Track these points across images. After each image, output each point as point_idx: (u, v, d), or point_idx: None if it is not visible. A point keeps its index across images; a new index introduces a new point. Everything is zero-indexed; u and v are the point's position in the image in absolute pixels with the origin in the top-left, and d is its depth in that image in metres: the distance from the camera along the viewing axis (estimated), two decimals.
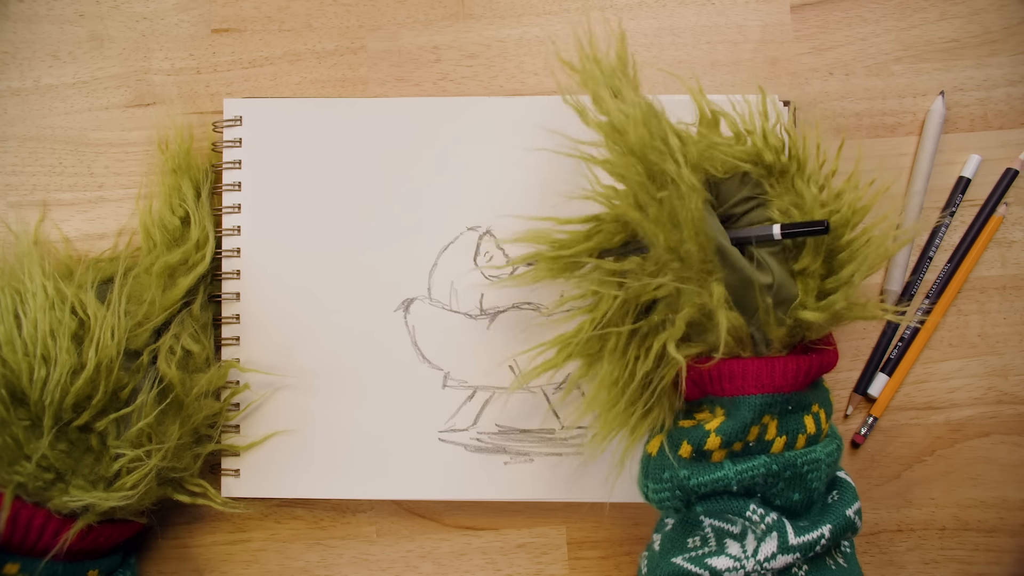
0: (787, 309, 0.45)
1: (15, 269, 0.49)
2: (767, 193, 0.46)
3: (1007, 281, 0.55)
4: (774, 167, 0.46)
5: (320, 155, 0.55)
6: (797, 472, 0.44)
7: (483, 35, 0.57)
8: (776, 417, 0.45)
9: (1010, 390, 0.55)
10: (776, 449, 0.45)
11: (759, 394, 0.45)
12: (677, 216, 0.43)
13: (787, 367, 0.45)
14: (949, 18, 0.57)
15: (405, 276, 0.54)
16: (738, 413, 0.45)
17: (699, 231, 0.43)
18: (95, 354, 0.46)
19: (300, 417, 0.54)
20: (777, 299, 0.45)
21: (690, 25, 0.57)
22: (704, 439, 0.45)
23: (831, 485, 0.47)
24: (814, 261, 0.45)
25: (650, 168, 0.44)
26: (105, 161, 0.57)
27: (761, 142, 0.47)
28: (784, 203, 0.46)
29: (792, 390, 0.45)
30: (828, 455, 0.45)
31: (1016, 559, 0.54)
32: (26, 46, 0.58)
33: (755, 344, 0.46)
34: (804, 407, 0.46)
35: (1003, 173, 0.55)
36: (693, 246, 0.44)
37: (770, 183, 0.47)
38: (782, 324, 0.45)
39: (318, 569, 0.55)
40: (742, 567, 0.43)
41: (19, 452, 0.45)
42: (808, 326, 0.45)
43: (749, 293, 0.45)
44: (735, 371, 0.45)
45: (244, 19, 0.58)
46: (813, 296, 0.45)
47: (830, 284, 0.45)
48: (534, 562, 0.54)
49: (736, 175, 0.47)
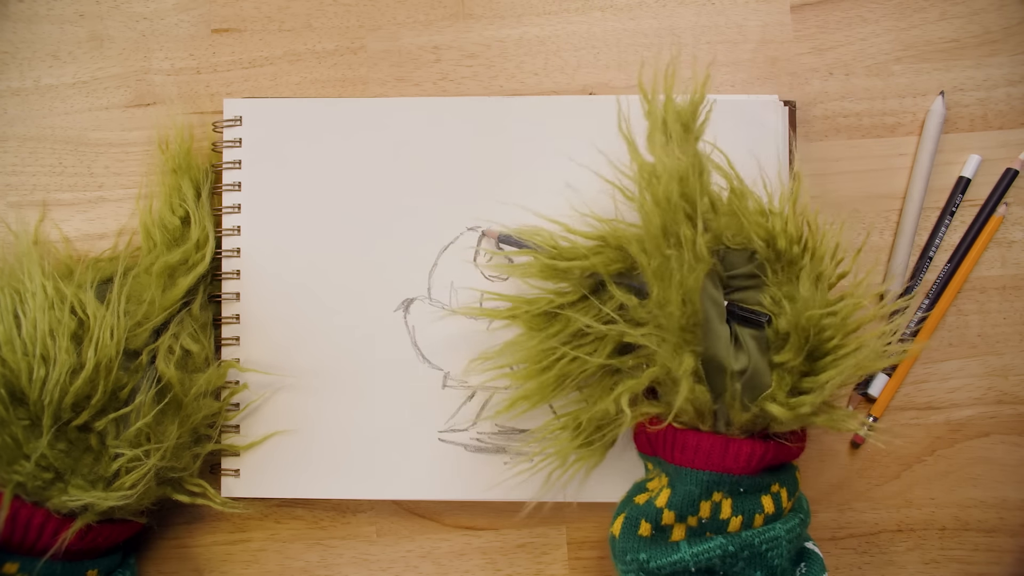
0: (756, 396, 0.45)
1: (15, 269, 0.49)
2: (767, 277, 0.46)
3: (1007, 281, 0.55)
4: (784, 254, 0.46)
5: (320, 155, 0.55)
6: (756, 551, 0.44)
7: (483, 35, 0.57)
8: (728, 496, 0.45)
9: (1010, 390, 0.55)
10: (733, 528, 0.45)
11: (706, 470, 0.45)
12: (674, 277, 0.44)
13: (740, 450, 0.45)
14: (949, 18, 0.57)
15: (405, 276, 0.54)
16: (682, 485, 0.45)
17: (689, 301, 0.44)
18: (94, 354, 0.46)
19: (300, 417, 0.54)
20: (748, 385, 0.45)
21: (690, 25, 0.57)
22: (659, 516, 0.45)
23: (799, 556, 0.47)
24: (795, 357, 0.44)
25: (668, 225, 0.45)
26: (105, 161, 0.57)
27: (780, 226, 0.46)
28: (779, 293, 0.45)
29: (743, 473, 0.45)
30: (789, 531, 0.45)
31: (1016, 559, 0.54)
32: (26, 46, 0.58)
33: (716, 420, 0.46)
34: (761, 488, 0.46)
35: (1003, 173, 0.55)
36: (678, 312, 0.44)
37: (773, 268, 0.46)
38: (747, 410, 0.45)
39: (318, 569, 0.55)
40: None
41: (18, 451, 0.45)
42: (773, 418, 0.45)
43: (721, 373, 0.45)
44: (688, 442, 0.46)
45: (244, 19, 0.58)
46: (786, 391, 0.45)
47: (806, 384, 0.45)
48: (534, 562, 0.54)
49: (746, 250, 0.47)
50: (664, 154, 0.45)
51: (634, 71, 0.57)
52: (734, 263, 0.47)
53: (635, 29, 0.57)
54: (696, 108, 0.47)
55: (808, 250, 0.46)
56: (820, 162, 0.56)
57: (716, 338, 0.45)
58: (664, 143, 0.46)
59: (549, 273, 0.48)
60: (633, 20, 0.57)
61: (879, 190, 0.56)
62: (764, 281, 0.46)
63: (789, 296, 0.45)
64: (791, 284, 0.45)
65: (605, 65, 0.57)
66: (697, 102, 0.47)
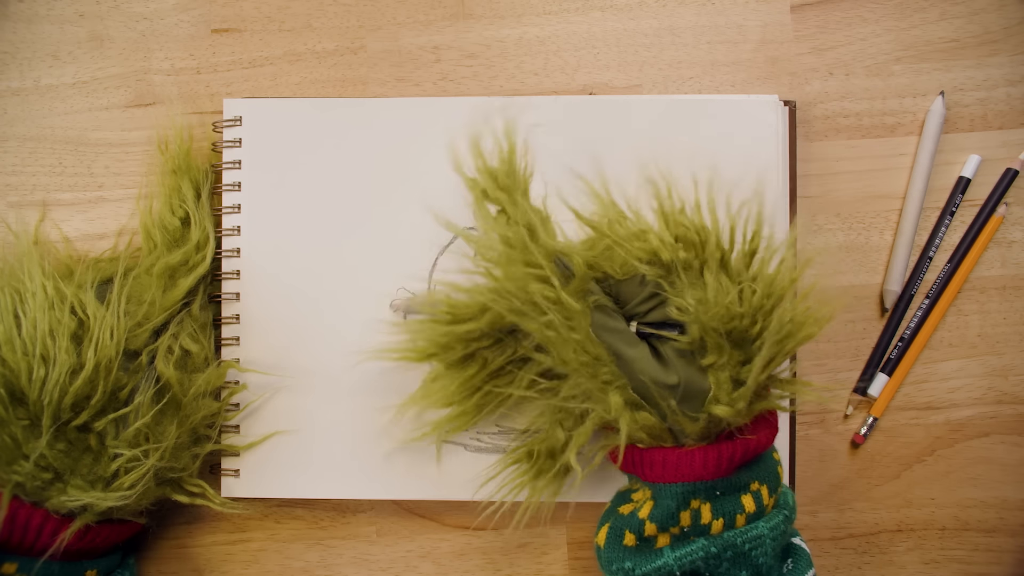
0: (702, 402, 0.44)
1: (15, 269, 0.49)
2: (666, 291, 0.45)
3: (1007, 281, 0.55)
4: (673, 265, 0.45)
5: (320, 155, 0.55)
6: (739, 551, 0.44)
7: (483, 35, 0.57)
8: (706, 501, 0.45)
9: (1010, 390, 0.55)
10: (715, 531, 0.44)
11: (679, 483, 0.45)
12: (563, 336, 0.45)
13: (707, 457, 0.44)
14: (949, 18, 0.57)
15: (405, 276, 0.54)
16: (661, 500, 0.45)
17: (583, 351, 0.45)
18: (94, 354, 0.46)
19: (300, 417, 0.54)
20: (687, 395, 0.44)
21: (690, 25, 0.57)
22: (642, 527, 0.45)
23: (785, 552, 0.47)
24: (720, 355, 0.44)
25: (529, 298, 0.45)
26: (105, 161, 0.57)
27: (657, 241, 0.45)
28: (685, 300, 0.44)
29: (715, 478, 0.44)
30: (772, 528, 0.45)
31: (1016, 559, 0.54)
32: (26, 46, 0.58)
33: (675, 436, 0.45)
34: (739, 488, 0.45)
35: (1003, 173, 0.55)
36: (578, 364, 0.45)
37: (670, 281, 0.45)
38: (695, 420, 0.44)
39: (318, 569, 0.55)
40: None
41: (17, 451, 0.45)
42: (720, 420, 0.44)
43: (654, 393, 0.45)
44: (655, 460, 0.45)
45: (244, 19, 0.58)
46: (727, 388, 0.44)
47: (744, 374, 0.44)
48: (534, 562, 0.54)
49: (635, 276, 0.46)
50: (492, 229, 0.46)
51: (634, 71, 0.57)
52: (630, 293, 0.46)
53: (635, 29, 0.57)
54: (512, 165, 0.47)
55: (696, 248, 0.45)
56: (820, 162, 0.56)
57: (634, 363, 0.45)
58: (487, 217, 0.46)
59: (449, 340, 0.48)
60: (633, 20, 0.57)
61: (879, 190, 0.56)
62: (664, 296, 0.45)
63: (698, 298, 0.44)
64: (697, 286, 0.45)
65: (605, 65, 0.57)
66: (510, 157, 0.47)
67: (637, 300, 0.46)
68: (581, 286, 0.45)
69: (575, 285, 0.45)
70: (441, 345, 0.48)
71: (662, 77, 0.57)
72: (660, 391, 0.44)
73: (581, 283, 0.45)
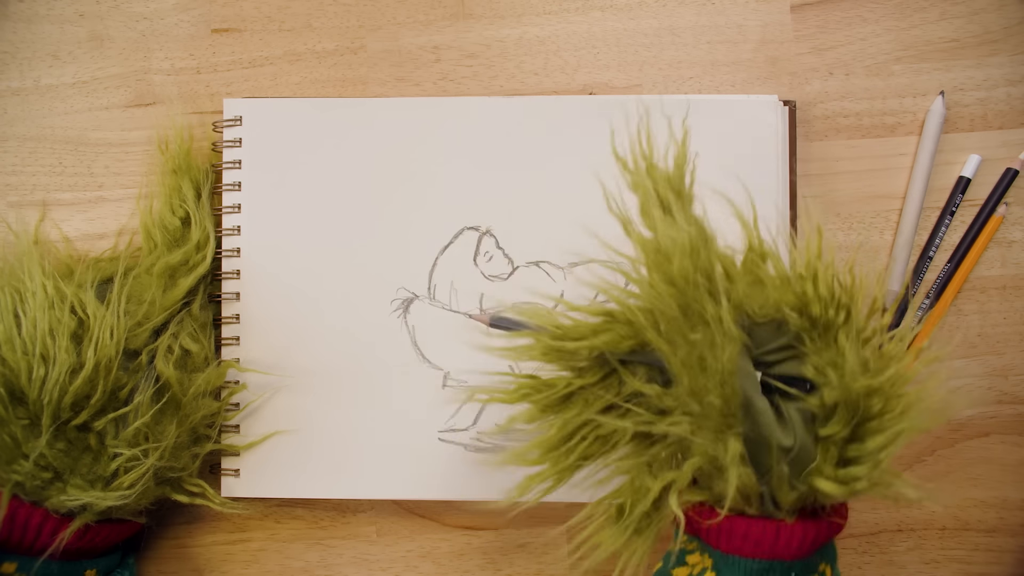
0: (801, 472, 0.40)
1: (15, 268, 0.49)
2: (805, 346, 0.41)
3: (1007, 281, 0.55)
4: (819, 320, 0.41)
5: (320, 155, 0.55)
6: None
7: (483, 35, 0.57)
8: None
9: (1010, 390, 0.54)
10: None
11: (756, 559, 0.41)
12: (706, 363, 0.39)
13: (793, 535, 0.40)
14: (949, 18, 0.57)
15: (405, 276, 0.54)
16: (731, 572, 0.41)
17: (727, 383, 0.39)
18: (94, 353, 0.46)
19: (300, 417, 0.54)
20: (796, 461, 0.40)
21: (690, 25, 0.57)
22: None
23: None
24: (843, 429, 0.40)
25: (687, 305, 0.40)
26: (105, 161, 0.57)
27: (812, 290, 0.41)
28: (822, 360, 0.40)
29: (794, 559, 0.41)
30: None
31: (1016, 559, 0.54)
32: (26, 46, 0.58)
33: (763, 503, 0.41)
34: (811, 570, 0.41)
35: (1003, 173, 0.55)
36: (717, 399, 0.40)
37: (811, 336, 0.41)
38: (794, 488, 0.40)
39: (318, 569, 0.55)
40: None
41: (17, 451, 0.45)
42: (824, 495, 0.40)
43: (766, 451, 0.40)
44: (736, 529, 0.41)
45: (244, 19, 0.58)
46: (832, 463, 0.40)
47: (851, 451, 0.40)
48: (534, 562, 0.54)
49: (773, 321, 0.41)
50: (667, 227, 0.41)
51: (634, 71, 0.57)
52: (763, 338, 0.42)
53: (635, 29, 0.57)
54: (682, 170, 0.42)
55: (843, 309, 0.41)
56: (820, 162, 0.56)
57: (757, 415, 0.40)
58: (662, 216, 0.41)
59: (553, 356, 0.43)
60: (633, 20, 0.57)
61: (879, 190, 0.56)
62: (802, 351, 0.41)
63: (832, 363, 0.40)
64: (830, 349, 0.40)
65: (605, 65, 0.57)
66: (681, 162, 0.42)
67: (769, 347, 0.42)
68: (736, 316, 0.40)
69: (731, 312, 0.40)
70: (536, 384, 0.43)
71: (662, 77, 0.57)
72: (778, 456, 0.40)
73: (737, 312, 0.40)
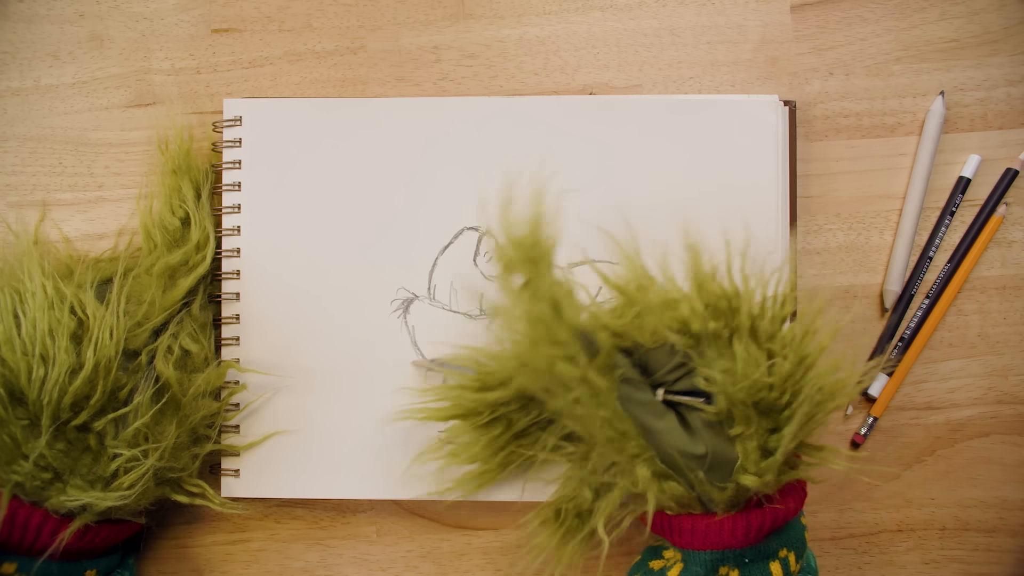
0: (730, 471, 0.44)
1: (15, 269, 0.49)
2: (694, 361, 0.45)
3: (1007, 281, 0.55)
4: (702, 335, 0.44)
5: (320, 155, 0.55)
6: None
7: (483, 35, 0.57)
8: (735, 568, 0.44)
9: (1010, 390, 0.54)
10: None
11: (708, 550, 0.44)
12: (586, 416, 0.44)
13: (736, 526, 0.44)
14: (949, 18, 0.57)
15: (405, 276, 0.54)
16: (691, 566, 0.45)
17: (613, 426, 0.44)
18: (93, 354, 0.46)
19: (300, 417, 0.54)
20: (715, 465, 0.44)
21: (690, 25, 0.57)
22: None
23: None
24: (748, 426, 0.44)
25: (556, 377, 0.44)
26: (105, 161, 0.57)
27: (688, 310, 0.44)
28: (713, 370, 0.44)
29: (743, 546, 0.44)
30: None
31: (1016, 559, 0.54)
32: (26, 46, 0.58)
33: (703, 504, 0.45)
34: (767, 555, 0.45)
35: (1003, 173, 0.55)
36: (605, 441, 0.45)
37: (699, 351, 0.44)
38: (724, 489, 0.44)
39: (318, 569, 0.55)
40: None
41: (17, 451, 0.45)
42: (748, 489, 0.44)
43: (680, 463, 0.44)
44: (684, 527, 0.45)
45: (244, 19, 0.58)
46: (755, 458, 0.44)
47: (772, 442, 0.44)
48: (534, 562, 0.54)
49: (665, 344, 0.45)
50: (517, 304, 0.44)
51: (634, 71, 0.57)
52: (659, 361, 0.45)
53: (635, 29, 0.57)
54: (538, 235, 0.45)
55: (726, 316, 0.44)
56: (820, 162, 0.56)
57: (661, 435, 0.44)
58: (513, 290, 0.45)
59: (479, 402, 0.48)
60: (633, 20, 0.57)
61: (879, 190, 0.56)
62: (691, 366, 0.45)
63: (726, 368, 0.43)
64: (724, 356, 0.44)
65: (605, 65, 0.57)
66: (536, 225, 0.45)
67: (666, 369, 0.45)
68: (607, 361, 0.44)
69: (601, 360, 0.44)
70: (468, 409, 0.48)
71: (662, 77, 0.57)
72: (688, 462, 0.44)
73: (607, 358, 0.44)
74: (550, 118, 0.54)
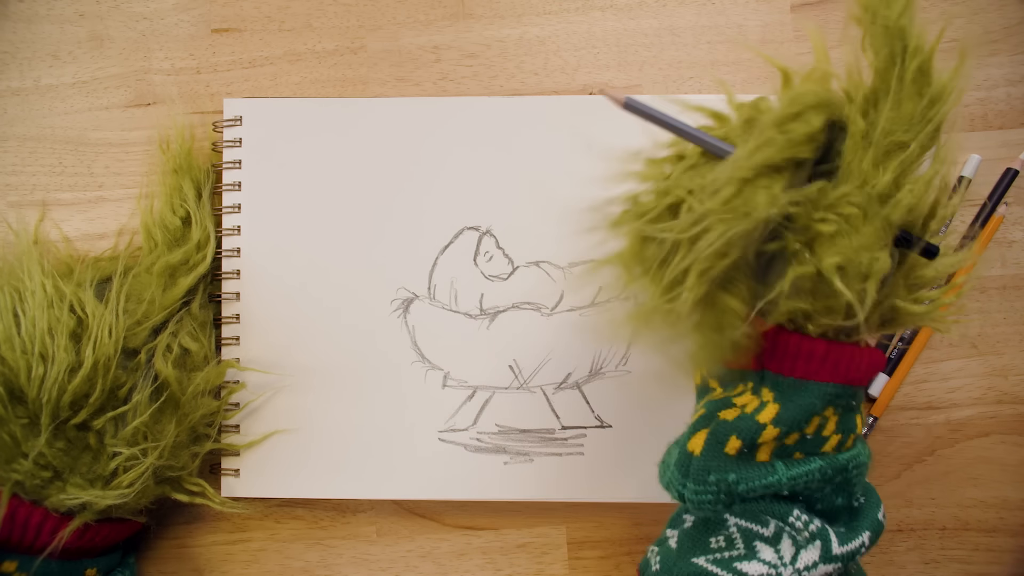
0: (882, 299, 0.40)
1: (14, 268, 0.49)
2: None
3: (1007, 281, 0.55)
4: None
5: (320, 155, 0.55)
6: (847, 477, 0.40)
7: (483, 35, 0.57)
8: (839, 412, 0.40)
9: (1010, 390, 0.54)
10: (828, 448, 0.40)
11: (832, 382, 0.39)
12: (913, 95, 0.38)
13: (872, 359, 0.40)
14: (949, 18, 0.57)
15: (405, 276, 0.54)
16: (801, 399, 0.39)
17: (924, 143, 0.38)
18: (92, 352, 0.46)
19: (300, 417, 0.54)
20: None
21: (690, 25, 0.57)
22: (758, 432, 0.39)
23: None
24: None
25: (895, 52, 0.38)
26: (105, 161, 0.57)
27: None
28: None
29: (861, 384, 0.40)
30: (868, 457, 0.41)
31: (1016, 559, 0.54)
32: (26, 46, 0.58)
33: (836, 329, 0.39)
34: (860, 405, 0.41)
35: (1003, 173, 0.55)
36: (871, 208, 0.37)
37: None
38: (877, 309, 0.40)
39: (318, 569, 0.55)
40: (778, 574, 0.39)
41: (17, 450, 0.45)
42: (906, 315, 0.40)
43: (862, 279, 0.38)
44: (816, 351, 0.39)
45: (244, 19, 0.58)
46: (905, 285, 0.40)
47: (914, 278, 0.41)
48: (534, 562, 0.54)
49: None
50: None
51: (634, 71, 0.57)
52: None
53: (635, 29, 0.57)
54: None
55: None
56: None
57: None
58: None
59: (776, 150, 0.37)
60: (633, 20, 0.57)
61: None
62: None
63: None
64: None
65: (605, 65, 0.57)
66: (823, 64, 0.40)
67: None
68: None
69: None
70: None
71: (662, 77, 0.57)
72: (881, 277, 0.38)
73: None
74: (550, 118, 0.54)
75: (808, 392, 0.39)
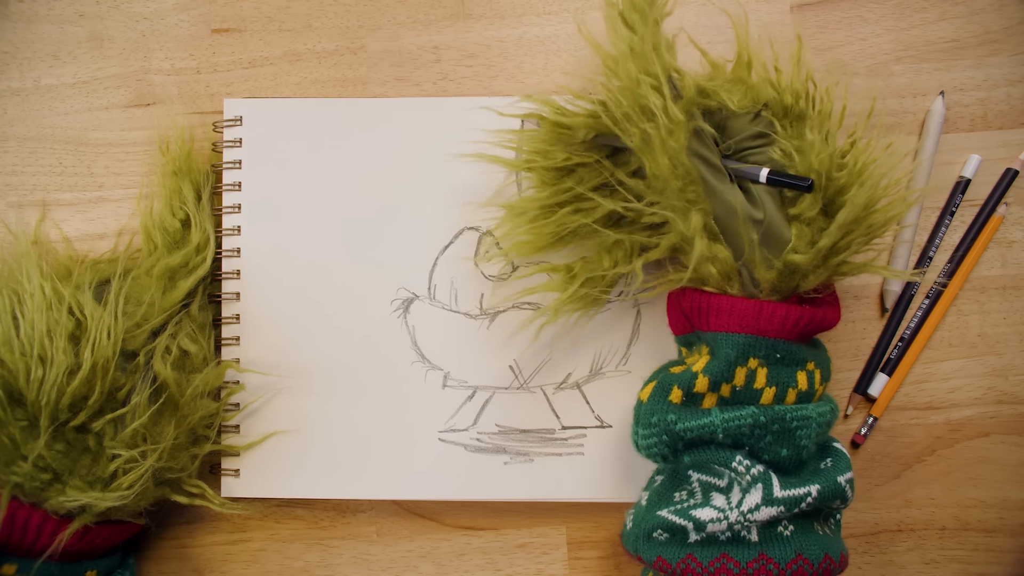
0: (779, 252, 0.45)
1: (13, 270, 0.49)
2: (777, 133, 0.47)
3: (1007, 281, 0.55)
4: (791, 110, 0.47)
5: (320, 155, 0.55)
6: (785, 427, 0.45)
7: (483, 35, 0.57)
8: (765, 365, 0.45)
9: (1010, 390, 0.54)
10: (765, 400, 0.45)
11: (743, 333, 0.45)
12: (656, 147, 0.45)
13: (775, 312, 0.45)
14: (949, 18, 0.57)
15: (405, 276, 0.54)
16: (721, 351, 0.45)
17: (677, 163, 0.45)
18: (91, 354, 0.46)
19: (300, 417, 0.54)
20: (767, 238, 0.45)
21: (690, 25, 0.57)
22: (692, 380, 0.45)
23: (824, 452, 0.48)
24: (811, 208, 0.45)
25: (637, 101, 0.45)
26: (105, 161, 0.57)
27: (786, 82, 0.48)
28: (789, 145, 0.46)
29: (779, 337, 0.45)
30: (820, 415, 0.46)
31: (1016, 559, 0.54)
32: (26, 46, 0.58)
33: (743, 284, 0.46)
34: (797, 361, 0.46)
35: (1003, 173, 0.55)
36: (669, 175, 0.45)
37: (782, 124, 0.47)
38: (771, 267, 0.45)
39: (318, 569, 0.55)
40: (725, 518, 0.44)
41: (16, 452, 0.45)
42: (801, 273, 0.45)
43: (737, 228, 0.45)
44: (722, 306, 0.46)
45: (244, 19, 0.58)
46: (807, 243, 0.45)
47: (825, 238, 0.45)
48: (534, 562, 0.54)
49: (749, 113, 0.48)
50: (617, 38, 0.46)
51: None
52: (739, 127, 0.48)
53: None
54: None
55: (813, 103, 0.47)
56: None
57: (718, 194, 0.46)
58: (621, 29, 0.47)
59: (556, 134, 0.49)
60: None
61: None
62: (772, 138, 0.47)
63: (799, 148, 0.46)
64: (800, 139, 0.46)
65: None
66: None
67: (744, 136, 0.47)
68: (687, 107, 0.46)
69: (682, 104, 0.46)
70: (543, 152, 0.49)
71: None
72: (745, 221, 0.45)
73: (688, 104, 0.46)
74: None
75: (724, 343, 0.45)
